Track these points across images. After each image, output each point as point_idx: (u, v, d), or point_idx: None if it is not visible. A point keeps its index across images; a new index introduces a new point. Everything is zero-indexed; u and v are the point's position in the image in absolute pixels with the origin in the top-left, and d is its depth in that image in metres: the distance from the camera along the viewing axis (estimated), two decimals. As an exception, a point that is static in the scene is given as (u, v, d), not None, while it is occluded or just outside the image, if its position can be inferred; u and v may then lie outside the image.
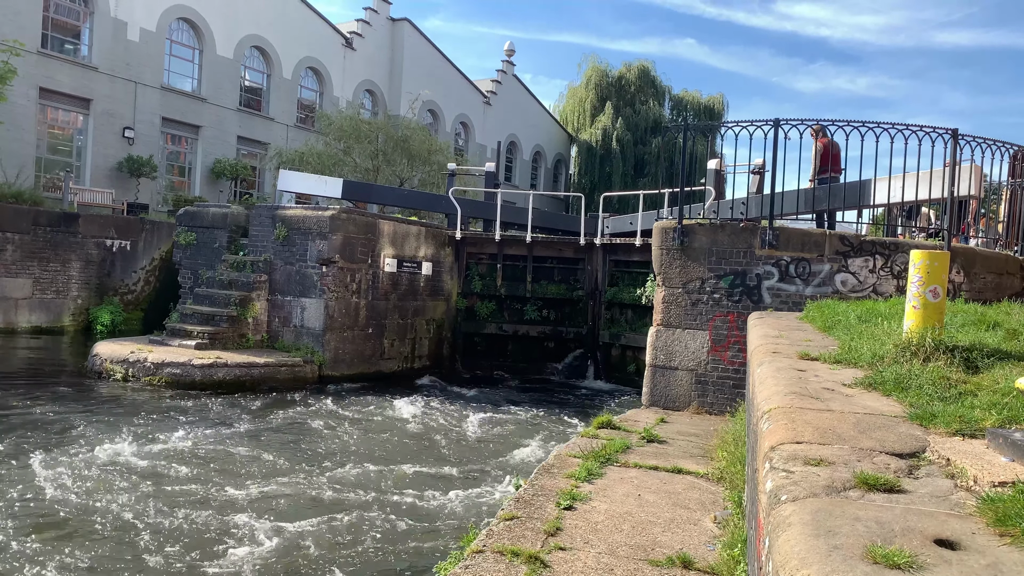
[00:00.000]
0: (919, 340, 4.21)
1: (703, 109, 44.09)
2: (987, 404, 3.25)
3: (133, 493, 7.34)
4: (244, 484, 7.87)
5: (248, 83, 29.64)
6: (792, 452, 2.75)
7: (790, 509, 2.20)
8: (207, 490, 7.59)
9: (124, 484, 7.59)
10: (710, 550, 4.84)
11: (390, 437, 10.40)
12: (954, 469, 2.60)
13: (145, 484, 7.63)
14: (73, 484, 7.49)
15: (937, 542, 1.98)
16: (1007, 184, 12.25)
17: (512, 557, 4.46)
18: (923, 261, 4.39)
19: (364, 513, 7.16)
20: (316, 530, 6.68)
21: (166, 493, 7.42)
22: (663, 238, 10.65)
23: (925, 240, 11.48)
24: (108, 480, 7.67)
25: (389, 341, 15.82)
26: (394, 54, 35.44)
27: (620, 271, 17.10)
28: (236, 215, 16.02)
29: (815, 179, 12.02)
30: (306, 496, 7.63)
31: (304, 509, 7.22)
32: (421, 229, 16.73)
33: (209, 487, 7.69)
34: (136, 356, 12.82)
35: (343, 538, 6.54)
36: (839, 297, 9.44)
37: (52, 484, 7.43)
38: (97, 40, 23.95)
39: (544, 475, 6.35)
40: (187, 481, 7.85)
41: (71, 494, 7.20)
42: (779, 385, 3.87)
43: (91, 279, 18.99)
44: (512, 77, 43.74)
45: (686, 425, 9.36)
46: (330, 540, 6.47)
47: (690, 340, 10.51)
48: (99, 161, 23.92)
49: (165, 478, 7.90)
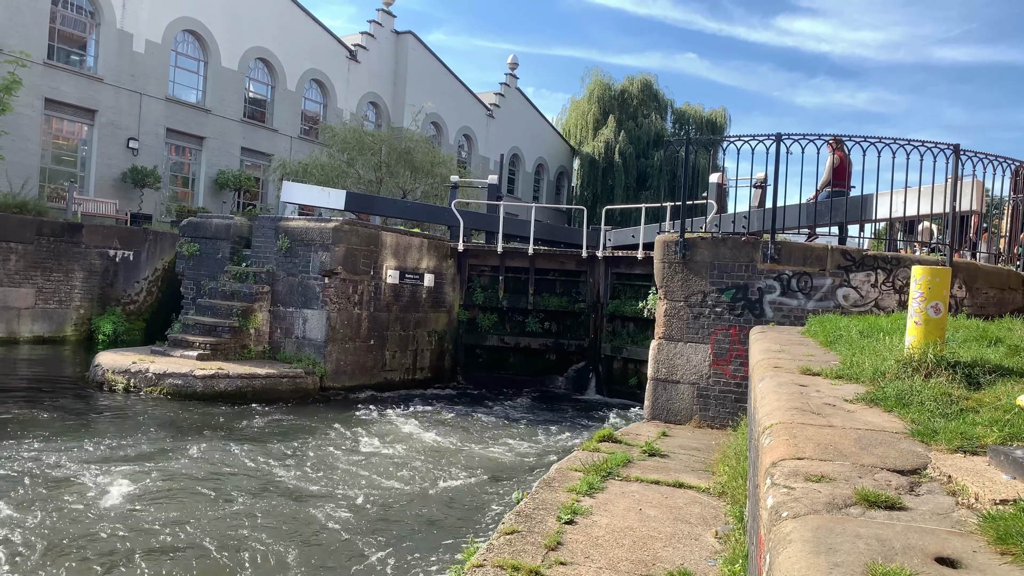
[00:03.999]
0: (921, 356, 4.21)
1: (705, 123, 44.20)
2: (989, 421, 3.25)
3: (130, 505, 7.33)
4: (247, 496, 7.85)
5: (252, 95, 29.78)
6: (793, 468, 2.75)
7: (791, 526, 2.20)
8: (208, 502, 7.58)
9: (120, 497, 7.57)
10: (711, 565, 4.82)
11: (391, 449, 10.38)
12: (955, 486, 2.60)
13: (144, 496, 7.62)
14: (72, 497, 7.48)
15: (938, 560, 1.98)
16: (1009, 200, 12.26)
17: (513, 571, 4.44)
18: (924, 277, 4.39)
19: (364, 525, 7.14)
20: (317, 543, 6.65)
21: (166, 506, 7.41)
22: (665, 251, 10.66)
23: (927, 255, 11.48)
24: (105, 493, 7.66)
25: (391, 352, 15.81)
26: (398, 67, 35.61)
27: (622, 284, 17.10)
28: (239, 226, 16.06)
29: (830, 190, 11.78)
30: (308, 507, 7.60)
31: (306, 520, 7.20)
32: (423, 241, 16.76)
33: (209, 499, 7.67)
34: (138, 366, 12.83)
35: (344, 551, 6.52)
36: (841, 312, 9.43)
37: (48, 497, 7.42)
38: (103, 51, 24.10)
39: (545, 489, 6.34)
40: (186, 494, 7.83)
41: (70, 505, 7.19)
42: (780, 400, 3.87)
43: (94, 289, 19.02)
44: (515, 90, 43.92)
45: (688, 439, 9.34)
46: (330, 552, 6.45)
47: (692, 353, 10.49)
48: (103, 171, 24.01)
49: (165, 491, 7.89)
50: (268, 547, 6.47)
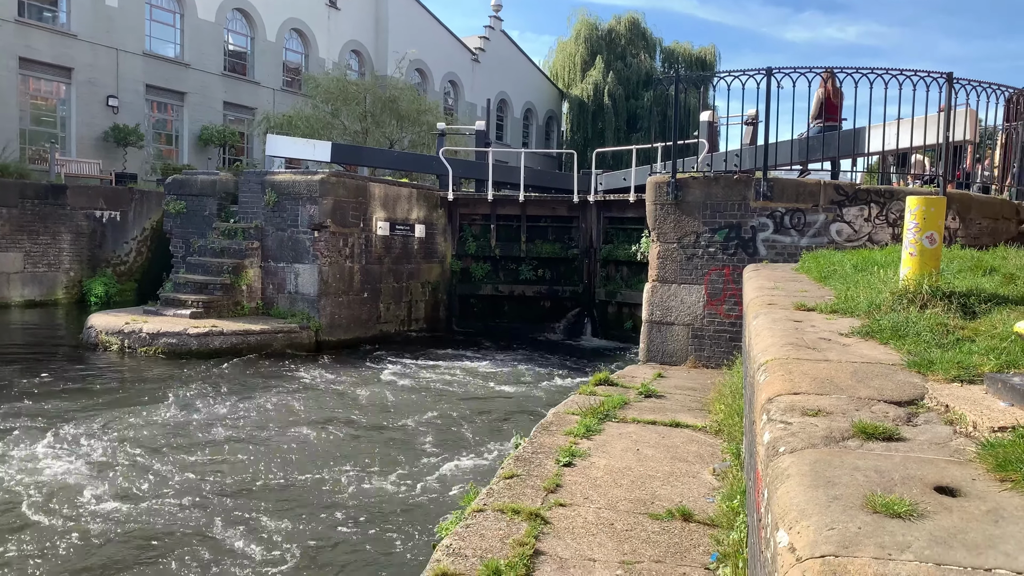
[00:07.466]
0: (916, 287, 4.18)
1: (695, 61, 43.48)
2: (985, 349, 3.23)
3: (137, 465, 7.36)
4: (255, 446, 7.89)
5: (232, 47, 29.08)
6: (790, 403, 2.73)
7: (788, 460, 2.19)
8: (215, 459, 7.62)
9: (126, 456, 7.61)
10: (709, 502, 4.87)
11: (390, 399, 10.43)
12: (953, 415, 2.58)
13: (149, 455, 7.65)
14: (76, 459, 7.50)
15: (937, 489, 1.97)
16: (1002, 128, 12.12)
17: (513, 515, 4.48)
18: (919, 207, 4.33)
19: (368, 472, 7.20)
20: (325, 491, 6.71)
21: (176, 463, 7.45)
22: (657, 193, 10.56)
23: (920, 187, 11.40)
24: (113, 452, 7.69)
25: (385, 305, 15.78)
26: (379, 13, 34.74)
27: (615, 228, 17.01)
28: (225, 182, 15.84)
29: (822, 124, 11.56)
30: (310, 456, 7.66)
31: (308, 469, 7.25)
32: (413, 191, 16.58)
33: (214, 458, 7.71)
34: (131, 327, 12.78)
35: (350, 498, 6.57)
36: (835, 247, 9.40)
37: (53, 458, 7.45)
38: (75, 6, 23.39)
39: (543, 433, 6.37)
40: (190, 449, 7.87)
41: (74, 466, 7.22)
42: (775, 336, 3.84)
43: (82, 251, 18.85)
44: (500, 33, 42.99)
45: (683, 379, 9.39)
46: (336, 500, 6.51)
47: (686, 295, 10.49)
48: (84, 131, 23.56)
49: (169, 448, 7.92)
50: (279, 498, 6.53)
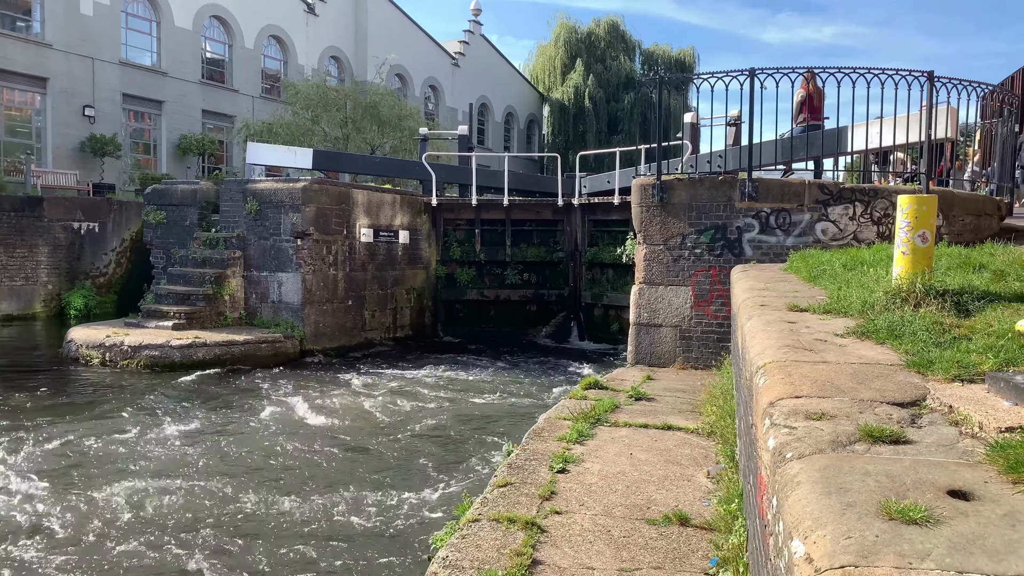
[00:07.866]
0: (909, 286, 4.17)
1: (674, 63, 43.69)
2: (983, 347, 3.21)
3: (119, 481, 7.22)
4: (238, 462, 7.77)
5: (210, 54, 28.83)
6: (792, 407, 2.69)
7: (798, 467, 2.14)
8: (199, 473, 7.49)
9: (108, 472, 7.46)
10: (705, 506, 4.83)
11: (376, 409, 10.32)
12: (958, 416, 2.55)
13: (132, 472, 7.51)
14: (56, 475, 7.35)
15: (950, 493, 1.93)
16: (977, 125, 12.22)
17: (508, 524, 4.41)
18: (911, 206, 4.33)
19: (358, 483, 7.10)
20: (316, 501, 6.61)
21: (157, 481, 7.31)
22: (642, 195, 10.54)
23: (903, 185, 11.48)
24: (94, 469, 7.54)
25: (370, 312, 15.66)
26: (358, 18, 34.59)
27: (599, 231, 16.99)
28: (206, 191, 15.66)
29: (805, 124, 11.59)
30: (294, 472, 7.55)
31: (292, 484, 7.14)
32: (396, 197, 16.48)
33: (202, 471, 7.58)
34: (112, 340, 12.58)
35: (339, 513, 6.48)
36: (820, 246, 9.42)
37: (27, 475, 7.29)
38: (49, 15, 23.09)
39: (535, 439, 6.31)
40: (176, 465, 7.73)
41: (54, 483, 7.07)
42: (771, 339, 3.81)
43: (60, 263, 18.56)
44: (480, 37, 42.97)
45: (673, 381, 9.37)
46: (325, 516, 6.41)
47: (673, 296, 10.47)
48: (60, 142, 23.24)
49: (153, 463, 7.78)
50: (270, 508, 6.42)
